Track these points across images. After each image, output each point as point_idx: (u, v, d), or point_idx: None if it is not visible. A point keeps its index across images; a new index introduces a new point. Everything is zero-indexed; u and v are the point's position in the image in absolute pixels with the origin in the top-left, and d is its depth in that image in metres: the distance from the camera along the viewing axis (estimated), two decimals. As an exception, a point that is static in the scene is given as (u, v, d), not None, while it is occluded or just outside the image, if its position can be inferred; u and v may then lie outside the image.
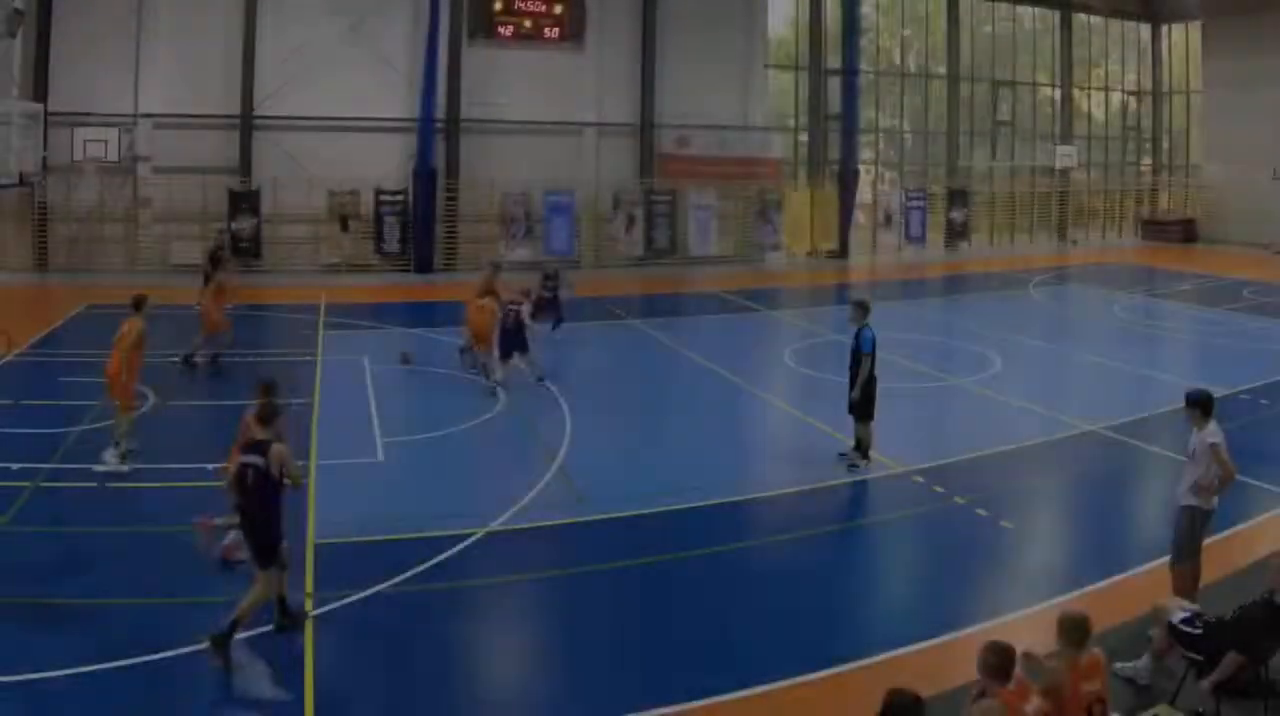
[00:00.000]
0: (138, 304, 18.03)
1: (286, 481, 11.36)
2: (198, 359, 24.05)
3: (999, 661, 8.25)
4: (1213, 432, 12.14)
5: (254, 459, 11.26)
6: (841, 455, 18.16)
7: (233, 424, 17.44)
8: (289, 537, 12.22)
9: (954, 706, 8.85)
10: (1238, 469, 12.16)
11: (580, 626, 12.38)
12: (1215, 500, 12.23)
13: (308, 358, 25.19)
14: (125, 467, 16.71)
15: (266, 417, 11.75)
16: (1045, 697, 8.33)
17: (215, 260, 26.56)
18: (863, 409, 17.94)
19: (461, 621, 12.48)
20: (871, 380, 17.84)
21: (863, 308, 18.00)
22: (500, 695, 11.12)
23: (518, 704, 10.94)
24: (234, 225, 37.23)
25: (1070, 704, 8.55)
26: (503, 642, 12.34)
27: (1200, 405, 12.33)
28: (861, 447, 17.99)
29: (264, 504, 11.26)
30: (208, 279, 25.85)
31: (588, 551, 14.57)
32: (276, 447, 11.29)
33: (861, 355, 17.76)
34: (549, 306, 27.01)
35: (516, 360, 22.62)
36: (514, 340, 22.46)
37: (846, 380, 18.20)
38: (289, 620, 11.72)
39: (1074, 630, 8.87)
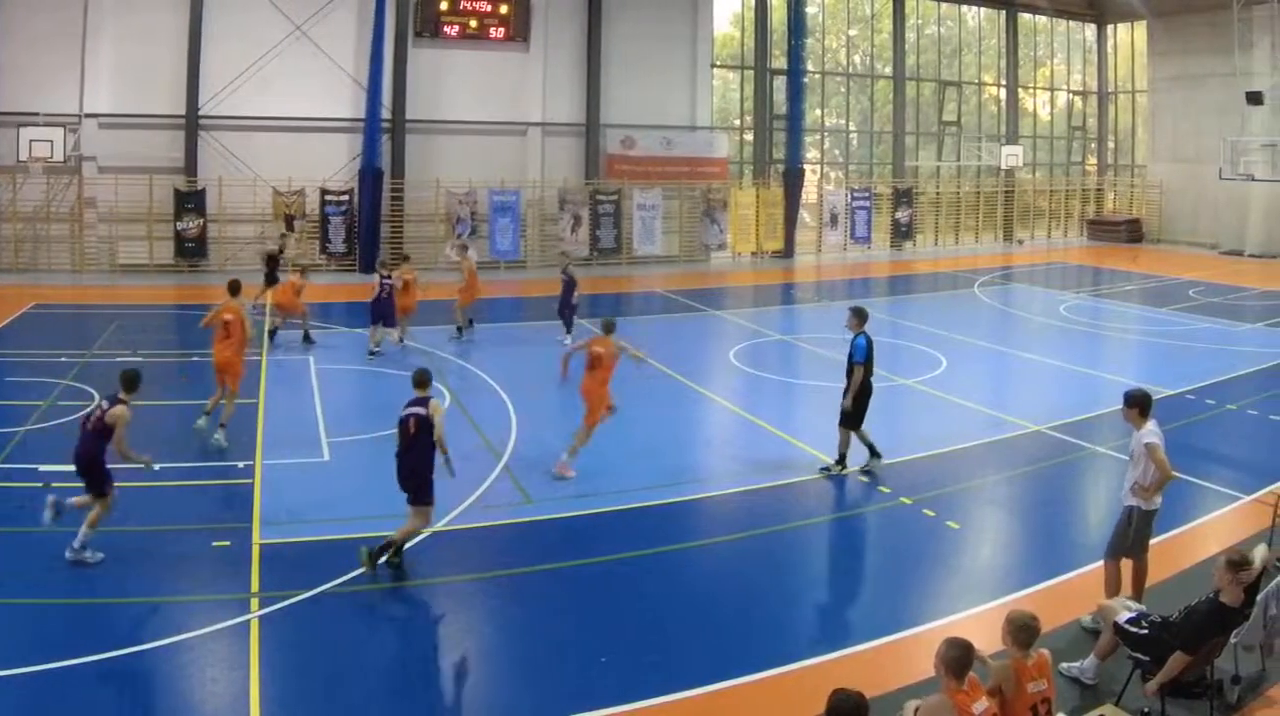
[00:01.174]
0: (234, 289, 19.74)
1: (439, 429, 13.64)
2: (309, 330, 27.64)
3: (958, 656, 8.31)
4: (1150, 432, 12.23)
5: (417, 410, 13.70)
6: (824, 469, 18.00)
7: (168, 424, 19.16)
8: (233, 537, 13.51)
9: (899, 707, 9.03)
10: (1175, 468, 12.32)
11: (524, 626, 12.47)
12: (1159, 500, 12.32)
13: (253, 357, 24.79)
14: (226, 444, 18.35)
15: (423, 381, 14.23)
16: (991, 697, 8.49)
17: (273, 261, 29.64)
18: (851, 418, 17.81)
19: (407, 621, 12.68)
20: (865, 390, 17.73)
21: (859, 315, 17.90)
22: (444, 695, 11.20)
23: (462, 704, 11.07)
24: (179, 225, 38.02)
25: (1016, 703, 8.74)
26: (447, 643, 12.34)
27: (1137, 405, 12.43)
28: (842, 457, 17.96)
29: (423, 449, 13.53)
30: (270, 280, 27.83)
31: (532, 551, 14.64)
32: (434, 402, 13.84)
33: (853, 364, 17.61)
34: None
35: None
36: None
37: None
38: (398, 559, 13.64)
39: (1021, 630, 9.01)
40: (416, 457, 13.71)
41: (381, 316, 26.61)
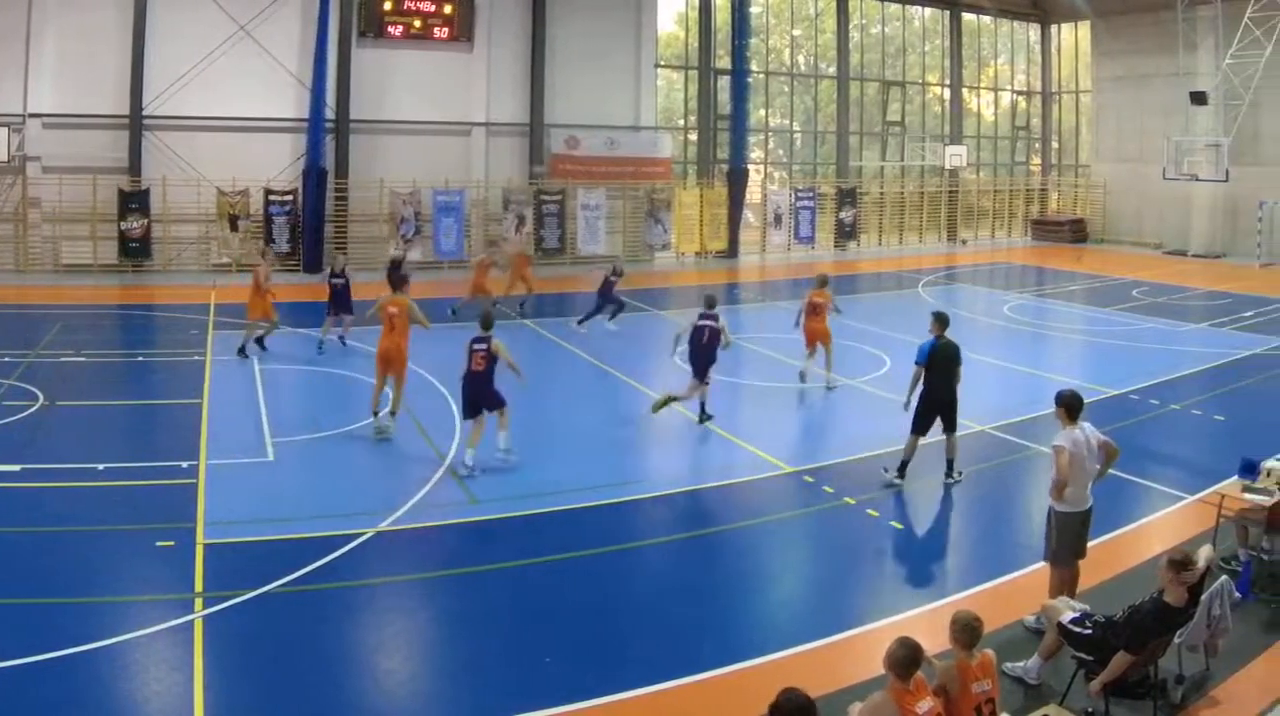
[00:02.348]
0: (398, 284, 21.07)
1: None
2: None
3: (905, 656, 8.43)
4: (1061, 436, 12.36)
5: (482, 346, 17.89)
6: (885, 470, 17.96)
7: (111, 424, 19.90)
8: (176, 537, 14.03)
9: (844, 708, 9.14)
10: (1119, 469, 12.74)
11: (469, 626, 12.59)
12: (1085, 502, 12.46)
13: (197, 357, 25.73)
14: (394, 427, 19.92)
15: (488, 323, 18.34)
16: (935, 697, 8.62)
17: (396, 265, 30.33)
18: (915, 421, 17.75)
19: (352, 621, 12.63)
20: (925, 393, 17.65)
21: (939, 319, 17.95)
22: (389, 695, 11.18)
23: (407, 704, 11.06)
24: (123, 225, 38.42)
25: (961, 703, 8.88)
26: (392, 642, 12.36)
27: (1063, 405, 12.55)
28: (903, 463, 17.77)
29: (489, 375, 17.95)
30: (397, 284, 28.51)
31: (477, 551, 14.88)
32: (496, 341, 17.95)
33: (915, 365, 17.68)
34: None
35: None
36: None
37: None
38: (468, 471, 17.48)
39: (964, 630, 9.18)
40: (485, 381, 17.82)
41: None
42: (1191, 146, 50.52)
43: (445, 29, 44.13)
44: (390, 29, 43.21)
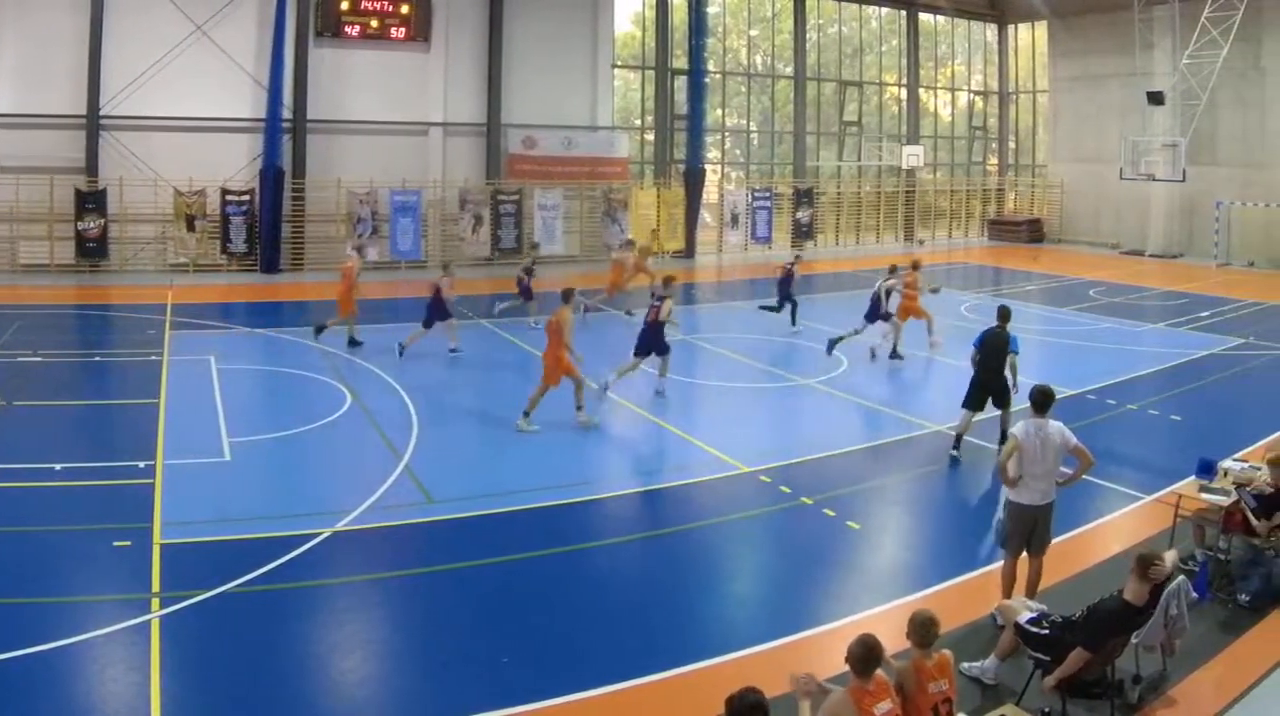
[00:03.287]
0: (566, 296, 21.80)
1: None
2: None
3: (861, 653, 8.56)
4: (1017, 427, 12.82)
5: (657, 303, 23.37)
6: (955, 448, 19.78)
7: (66, 424, 20.05)
8: (133, 537, 14.22)
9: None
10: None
11: (426, 626, 12.61)
12: (1036, 494, 12.63)
13: (153, 357, 25.77)
14: (536, 428, 20.76)
15: (668, 283, 24.17)
16: (895, 698, 8.72)
17: (529, 272, 32.55)
18: (967, 397, 19.86)
19: (309, 621, 12.62)
20: (977, 373, 19.79)
21: (1001, 313, 20.21)
22: (346, 695, 11.20)
23: (364, 704, 11.05)
24: (80, 225, 38.66)
25: (916, 703, 8.97)
26: (349, 643, 12.35)
27: (1030, 400, 12.97)
28: (958, 437, 19.81)
29: (660, 327, 23.30)
30: (525, 293, 31.84)
31: (434, 551, 14.93)
32: (668, 303, 23.21)
33: (972, 347, 20.03)
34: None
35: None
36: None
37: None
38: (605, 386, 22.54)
39: (921, 630, 9.26)
40: (657, 332, 23.32)
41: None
42: (1149, 146, 51.11)
43: (402, 29, 44.53)
44: (347, 29, 43.57)
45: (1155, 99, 50.76)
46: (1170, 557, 11.25)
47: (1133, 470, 19.16)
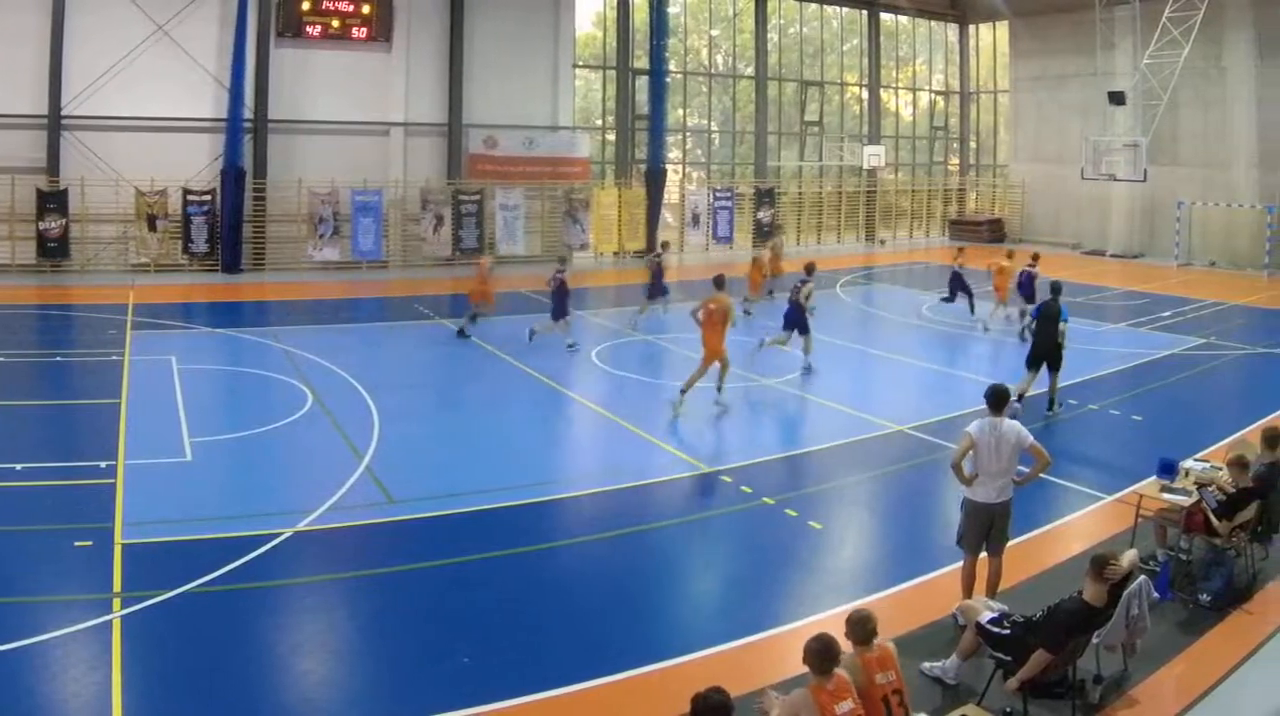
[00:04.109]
0: (719, 282, 23.66)
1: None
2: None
3: (818, 650, 8.73)
4: (974, 423, 12.96)
5: (799, 282, 26.39)
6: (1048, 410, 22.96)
7: (29, 423, 20.29)
8: (95, 537, 14.43)
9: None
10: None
11: (387, 626, 12.66)
12: (991, 492, 12.78)
13: (115, 357, 25.89)
14: (684, 409, 22.52)
15: (810, 269, 26.81)
16: (856, 699, 8.82)
17: (660, 272, 33.91)
18: (1027, 362, 23.34)
19: (270, 621, 12.71)
20: (1034, 341, 23.50)
21: (1053, 287, 23.76)
22: (306, 695, 11.21)
23: (325, 704, 11.09)
24: (41, 225, 38.81)
25: (866, 695, 9.03)
26: (310, 643, 12.41)
27: (986, 400, 13.15)
28: (1020, 394, 22.34)
29: (800, 307, 26.20)
30: (659, 290, 33.47)
31: (395, 551, 14.97)
32: (809, 286, 26.07)
33: (1030, 318, 24.97)
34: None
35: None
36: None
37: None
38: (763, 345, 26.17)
39: (859, 627, 9.40)
40: (799, 311, 26.09)
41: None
42: (1110, 146, 51.40)
43: (364, 29, 44.83)
44: (309, 29, 43.82)
45: (1116, 99, 51.32)
46: (1130, 557, 11.46)
47: (1094, 470, 19.42)
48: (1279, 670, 12.04)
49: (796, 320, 26.56)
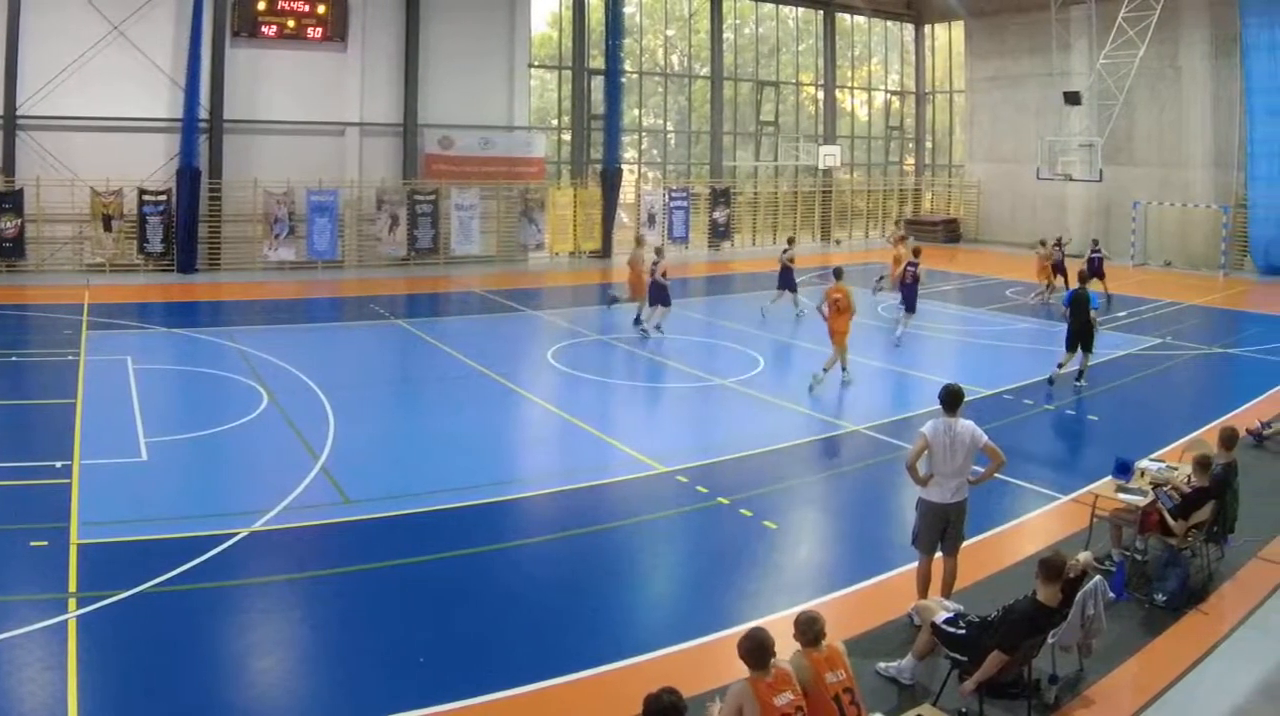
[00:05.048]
0: (839, 274, 26.74)
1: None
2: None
3: (751, 646, 8.84)
4: (929, 423, 13.04)
5: (913, 267, 29.62)
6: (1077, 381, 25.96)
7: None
8: (50, 537, 14.49)
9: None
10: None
11: (342, 626, 12.68)
12: (946, 492, 12.89)
13: (70, 357, 25.92)
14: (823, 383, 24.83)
15: (918, 253, 29.94)
16: (796, 691, 8.92)
17: (789, 268, 35.92)
18: (1066, 343, 26.15)
19: (225, 621, 12.67)
20: (1068, 325, 26.13)
21: (1080, 276, 27.62)
22: (263, 695, 11.23)
23: (280, 704, 11.12)
24: (-5, 225, 39.19)
25: (815, 693, 9.16)
26: (265, 643, 12.44)
27: (940, 401, 13.17)
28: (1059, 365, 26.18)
29: (915, 289, 30.51)
30: (790, 284, 35.91)
31: (351, 551, 14.99)
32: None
33: (1063, 306, 26.81)
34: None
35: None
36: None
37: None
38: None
39: (806, 627, 9.49)
40: (913, 290, 29.91)
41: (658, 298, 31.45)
42: (1065, 146, 51.97)
43: (319, 29, 45.17)
44: (264, 29, 44.12)
45: (1072, 99, 51.73)
46: (1084, 558, 11.57)
47: (1049, 470, 19.63)
48: (1234, 669, 12.15)
49: (910, 298, 31.75)
